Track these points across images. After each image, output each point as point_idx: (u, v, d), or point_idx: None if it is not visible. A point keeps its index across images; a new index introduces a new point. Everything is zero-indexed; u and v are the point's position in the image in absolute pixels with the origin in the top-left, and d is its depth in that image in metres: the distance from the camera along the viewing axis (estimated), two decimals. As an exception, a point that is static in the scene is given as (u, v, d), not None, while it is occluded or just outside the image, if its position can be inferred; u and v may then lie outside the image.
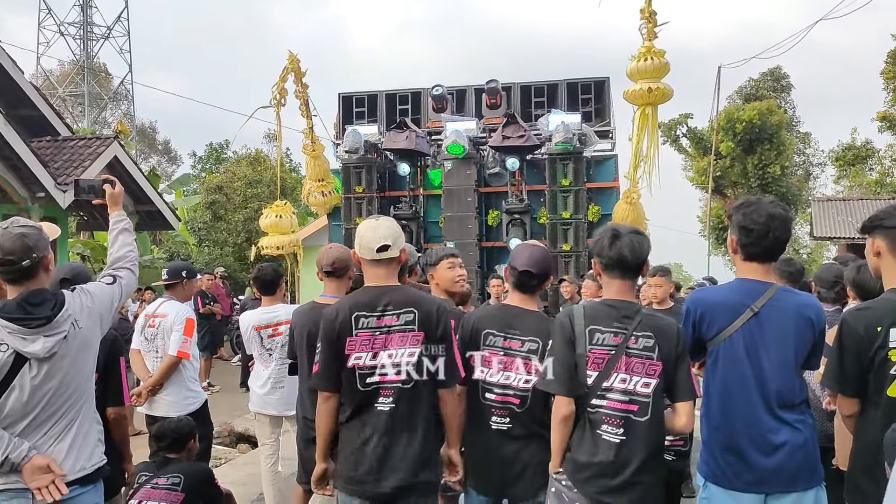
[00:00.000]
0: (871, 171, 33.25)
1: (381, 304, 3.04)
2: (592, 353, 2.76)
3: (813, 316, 2.85)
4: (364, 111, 11.69)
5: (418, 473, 3.01)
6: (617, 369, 2.75)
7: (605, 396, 2.76)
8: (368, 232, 3.11)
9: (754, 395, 2.80)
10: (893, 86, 30.23)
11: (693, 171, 33.09)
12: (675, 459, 4.15)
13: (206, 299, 12.42)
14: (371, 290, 3.10)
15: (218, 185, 24.50)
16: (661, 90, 8.68)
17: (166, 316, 5.22)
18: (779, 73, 35.46)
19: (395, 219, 11.49)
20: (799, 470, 2.79)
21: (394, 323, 3.03)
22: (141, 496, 3.77)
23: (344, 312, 3.05)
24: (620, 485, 2.73)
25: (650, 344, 2.77)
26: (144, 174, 16.38)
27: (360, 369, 3.01)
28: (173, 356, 5.09)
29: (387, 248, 3.06)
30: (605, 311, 2.83)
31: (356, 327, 3.02)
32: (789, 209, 3.05)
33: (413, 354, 3.01)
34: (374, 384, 3.01)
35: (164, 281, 5.40)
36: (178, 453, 4.10)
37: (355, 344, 3.02)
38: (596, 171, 10.85)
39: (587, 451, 2.77)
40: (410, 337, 3.03)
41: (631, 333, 2.76)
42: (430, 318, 3.05)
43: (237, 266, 22.54)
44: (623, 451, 2.74)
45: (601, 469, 2.74)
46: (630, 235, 2.86)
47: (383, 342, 3.01)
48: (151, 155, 44.71)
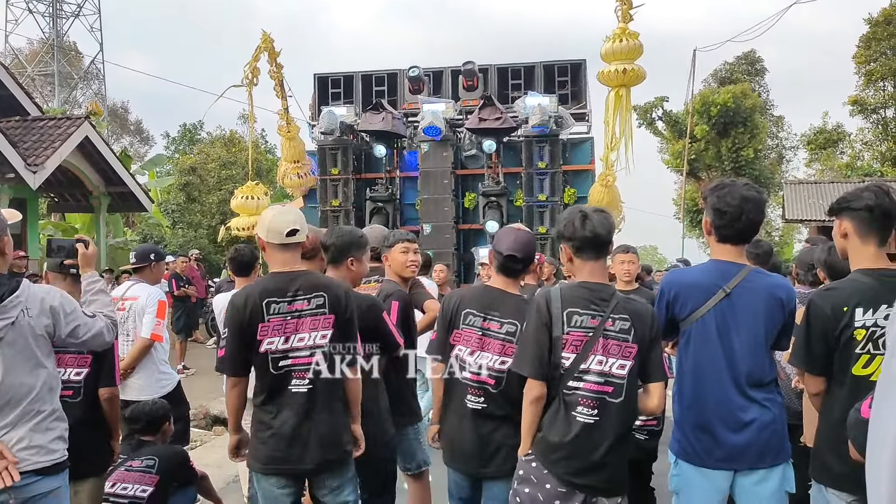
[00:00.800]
0: (841, 154, 33.67)
1: (292, 290, 3.12)
2: (570, 335, 2.77)
3: (783, 297, 2.91)
4: (340, 92, 11.62)
5: (333, 450, 3.14)
6: (594, 351, 2.76)
7: (582, 378, 2.77)
8: (278, 217, 3.19)
9: (725, 375, 2.85)
10: (865, 70, 30.60)
11: (668, 154, 33.27)
12: (648, 439, 4.20)
13: (181, 282, 12.32)
14: (280, 276, 3.17)
15: (192, 167, 24.20)
16: (635, 72, 8.71)
17: (137, 298, 5.16)
18: (753, 57, 35.68)
19: (371, 201, 11.53)
20: (767, 447, 2.85)
21: (305, 307, 3.12)
22: (115, 478, 3.77)
23: (254, 299, 3.10)
24: (592, 465, 2.76)
25: (626, 326, 2.78)
26: (116, 155, 16.15)
27: (273, 354, 3.09)
28: (146, 339, 5.04)
29: (296, 233, 3.15)
30: (581, 293, 2.83)
31: (268, 313, 3.09)
32: (763, 191, 3.07)
33: (325, 337, 3.12)
34: (287, 367, 3.10)
35: (132, 264, 5.32)
36: (152, 436, 4.09)
37: (267, 329, 3.09)
38: (572, 153, 10.89)
39: (560, 432, 2.78)
40: (322, 320, 3.13)
41: (608, 315, 2.77)
42: (340, 301, 3.17)
43: (212, 248, 22.36)
44: (596, 432, 2.76)
45: (574, 450, 2.76)
46: (597, 214, 2.86)
47: (295, 326, 3.11)
48: (123, 135, 43.96)
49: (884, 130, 31.30)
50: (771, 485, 2.88)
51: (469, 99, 11.01)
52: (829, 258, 3.50)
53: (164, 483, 3.80)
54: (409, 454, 3.99)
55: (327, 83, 11.71)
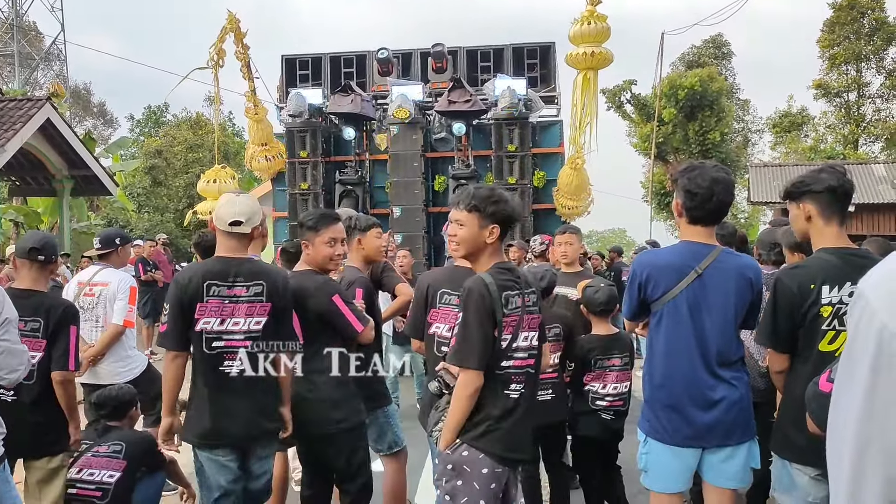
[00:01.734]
0: (805, 137, 34.21)
1: (233, 275, 3.25)
2: (508, 317, 2.78)
3: (752, 277, 2.96)
4: (308, 74, 11.50)
5: (262, 424, 3.33)
6: (523, 329, 2.82)
7: (513, 357, 2.80)
8: (226, 206, 3.32)
9: (695, 354, 2.90)
10: (829, 54, 31.06)
11: (637, 137, 33.50)
12: (614, 419, 4.25)
13: (148, 266, 12.14)
14: (223, 261, 3.31)
15: (157, 150, 23.89)
16: (602, 55, 8.74)
17: (108, 284, 5.08)
18: (720, 41, 36.00)
19: (341, 184, 11.42)
20: (734, 425, 2.91)
21: (243, 294, 3.25)
22: (82, 464, 3.73)
23: (197, 279, 3.24)
24: (525, 438, 2.86)
25: (535, 299, 2.90)
26: (79, 137, 15.85)
27: (208, 334, 3.23)
28: (119, 325, 4.98)
29: (238, 224, 3.27)
30: (505, 274, 2.85)
31: (207, 294, 3.22)
32: (731, 173, 3.10)
33: (259, 324, 3.26)
34: (220, 348, 3.25)
35: (97, 249, 5.24)
36: (119, 421, 4.04)
37: (205, 310, 3.23)
38: (541, 136, 10.91)
39: (497, 411, 2.80)
40: (258, 307, 3.26)
41: (524, 292, 2.84)
42: (278, 290, 3.29)
43: (179, 233, 22.11)
44: (524, 405, 2.81)
45: (509, 426, 2.79)
46: (513, 196, 2.95)
47: (231, 310, 3.24)
48: (86, 118, 43.02)
49: (846, 114, 31.87)
50: (737, 461, 2.95)
51: (438, 81, 10.95)
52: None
53: (131, 468, 3.76)
54: (380, 436, 4.02)
55: (295, 65, 11.57)
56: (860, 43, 30.46)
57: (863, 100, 31.72)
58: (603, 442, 4.32)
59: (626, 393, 4.25)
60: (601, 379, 4.23)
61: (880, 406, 1.22)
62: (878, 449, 1.22)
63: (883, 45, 30.51)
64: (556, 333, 4.15)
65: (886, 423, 1.21)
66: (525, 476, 4.26)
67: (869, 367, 1.23)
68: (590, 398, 4.23)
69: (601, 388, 4.22)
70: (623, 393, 4.24)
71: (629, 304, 3.15)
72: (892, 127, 30.89)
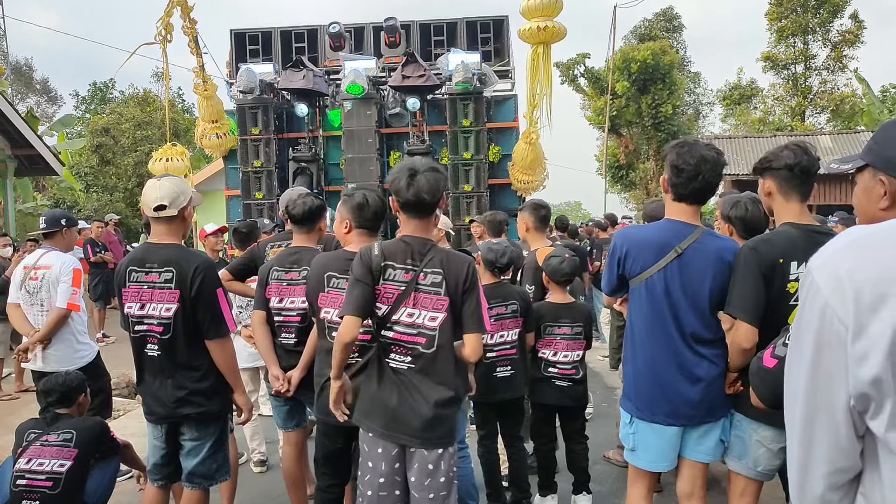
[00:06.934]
0: (755, 109, 34.81)
1: (149, 262, 3.35)
2: (384, 287, 2.83)
3: (731, 260, 2.92)
4: (258, 49, 11.25)
5: (184, 406, 3.40)
6: (405, 304, 2.81)
7: (393, 329, 2.84)
8: (150, 191, 3.35)
9: (674, 332, 2.91)
10: (777, 27, 31.53)
11: (591, 110, 33.72)
12: (571, 385, 4.30)
13: (97, 248, 11.89)
14: (146, 247, 3.43)
15: (104, 128, 23.23)
16: (554, 29, 8.71)
17: (51, 267, 4.96)
18: (671, 14, 36.33)
19: (294, 161, 11.23)
20: (715, 401, 2.95)
21: (156, 280, 3.33)
22: (30, 454, 3.64)
23: (123, 265, 3.41)
24: (409, 415, 2.80)
25: (438, 280, 2.83)
26: (21, 115, 15.33)
27: (131, 318, 3.39)
28: (62, 309, 4.87)
29: (163, 208, 3.31)
30: (401, 247, 2.86)
31: (128, 280, 3.37)
32: (722, 153, 3.12)
33: (169, 310, 3.31)
34: (142, 332, 3.38)
35: (42, 230, 5.10)
36: (68, 408, 3.94)
37: (127, 295, 3.38)
38: (496, 111, 10.88)
39: (374, 382, 2.88)
40: (168, 294, 3.31)
41: (421, 270, 2.82)
42: (186, 278, 3.29)
43: (129, 212, 21.63)
44: (411, 380, 2.81)
45: (385, 398, 2.82)
46: (427, 174, 2.83)
47: (149, 296, 3.34)
48: (29, 95, 41.61)
49: (794, 86, 32.46)
50: (713, 436, 3.01)
51: (392, 56, 10.81)
52: (746, 215, 3.54)
53: (83, 456, 3.69)
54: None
55: (244, 39, 11.30)
56: (807, 16, 30.98)
57: (809, 72, 32.33)
58: (563, 409, 4.37)
59: (577, 362, 4.30)
60: (551, 346, 4.28)
61: (823, 380, 1.27)
62: (824, 419, 1.28)
63: (829, 18, 31.08)
64: (513, 310, 4.17)
65: (829, 396, 1.27)
66: (483, 451, 4.31)
67: (813, 343, 1.28)
68: (542, 365, 4.29)
69: (552, 356, 4.28)
70: (575, 361, 4.28)
71: (608, 279, 3.15)
72: (838, 99, 31.60)
